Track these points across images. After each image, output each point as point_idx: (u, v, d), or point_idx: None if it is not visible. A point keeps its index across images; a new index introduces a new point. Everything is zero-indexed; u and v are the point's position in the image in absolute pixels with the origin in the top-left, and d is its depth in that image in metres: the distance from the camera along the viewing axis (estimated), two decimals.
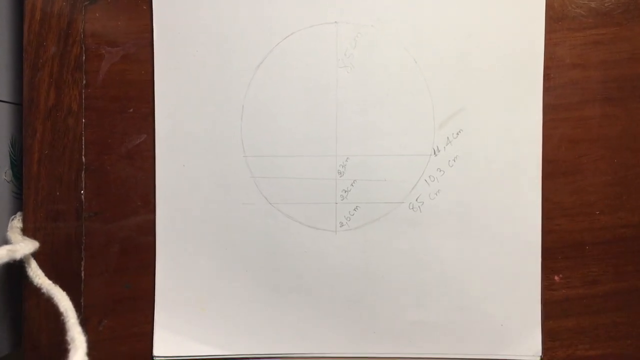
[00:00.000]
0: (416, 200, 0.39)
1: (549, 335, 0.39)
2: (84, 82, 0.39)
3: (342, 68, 0.39)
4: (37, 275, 0.36)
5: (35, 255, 0.39)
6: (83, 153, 0.40)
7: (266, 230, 0.39)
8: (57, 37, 0.39)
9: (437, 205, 0.39)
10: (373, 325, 0.40)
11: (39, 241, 0.39)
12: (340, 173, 0.39)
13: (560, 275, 0.39)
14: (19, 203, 0.41)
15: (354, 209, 0.39)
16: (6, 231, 0.39)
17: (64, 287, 0.39)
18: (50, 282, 0.36)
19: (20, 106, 0.40)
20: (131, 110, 0.40)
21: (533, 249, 0.39)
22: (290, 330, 0.40)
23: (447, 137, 0.39)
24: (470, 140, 0.39)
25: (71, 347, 0.31)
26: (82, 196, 0.40)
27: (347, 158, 0.39)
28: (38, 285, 0.36)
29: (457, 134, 0.39)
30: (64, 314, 0.33)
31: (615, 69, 0.39)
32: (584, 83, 0.39)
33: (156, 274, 0.40)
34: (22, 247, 0.36)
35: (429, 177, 0.39)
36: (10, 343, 0.42)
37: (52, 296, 0.34)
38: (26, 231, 0.39)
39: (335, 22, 0.38)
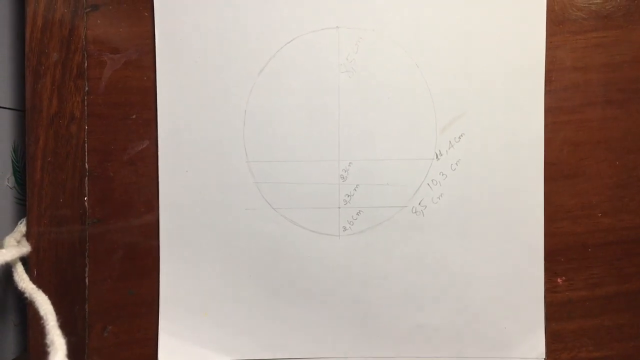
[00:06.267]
0: (419, 204, 0.39)
1: (553, 338, 0.40)
2: (86, 88, 0.39)
3: (343, 73, 0.39)
4: (22, 279, 0.36)
5: (38, 261, 0.39)
6: (86, 160, 0.40)
7: (269, 235, 0.40)
8: (59, 44, 0.39)
9: (440, 209, 0.39)
10: (376, 329, 0.40)
11: (43, 248, 0.39)
12: (343, 178, 0.39)
13: (563, 278, 0.40)
14: (22, 209, 0.41)
15: (357, 214, 0.39)
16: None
17: (68, 294, 0.39)
18: (33, 286, 0.35)
19: (23, 112, 0.40)
20: (134, 116, 0.40)
21: (536, 252, 0.39)
22: (293, 334, 0.40)
23: (450, 141, 0.39)
24: (473, 144, 0.39)
25: (51, 349, 0.31)
26: (86, 203, 0.40)
27: (350, 163, 0.39)
28: (22, 289, 0.35)
29: (459, 137, 0.39)
30: (44, 317, 0.33)
31: (616, 71, 0.39)
32: (585, 86, 0.39)
33: (160, 279, 0.40)
34: (5, 252, 0.36)
35: (432, 181, 0.39)
36: (17, 347, 0.42)
37: (34, 300, 0.34)
38: (30, 237, 0.39)
39: (337, 27, 0.39)
